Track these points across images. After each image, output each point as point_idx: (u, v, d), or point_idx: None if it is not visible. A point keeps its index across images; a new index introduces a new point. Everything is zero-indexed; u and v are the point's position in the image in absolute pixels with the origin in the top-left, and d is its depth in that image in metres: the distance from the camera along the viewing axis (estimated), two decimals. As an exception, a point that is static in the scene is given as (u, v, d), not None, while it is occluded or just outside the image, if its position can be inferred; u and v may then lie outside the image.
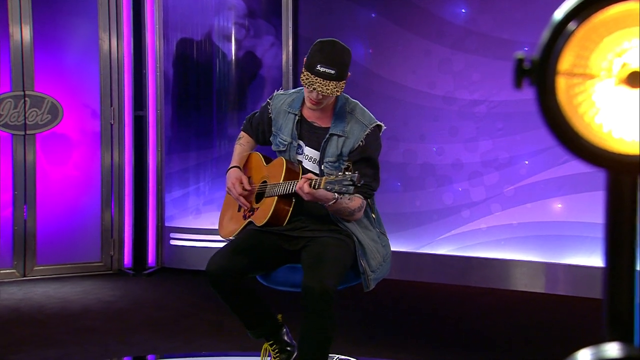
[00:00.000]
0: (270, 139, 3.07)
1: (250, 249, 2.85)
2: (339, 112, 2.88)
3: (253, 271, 2.87)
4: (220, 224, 3.23)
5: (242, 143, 3.18)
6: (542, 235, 4.70)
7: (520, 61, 0.91)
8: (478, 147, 4.85)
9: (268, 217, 2.86)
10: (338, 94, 2.72)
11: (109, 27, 5.22)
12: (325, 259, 2.71)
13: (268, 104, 3.07)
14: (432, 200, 4.98)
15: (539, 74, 0.90)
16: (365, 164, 2.82)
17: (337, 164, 2.85)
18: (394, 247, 3.10)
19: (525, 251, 4.74)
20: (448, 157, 4.94)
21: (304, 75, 2.71)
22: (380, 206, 3.06)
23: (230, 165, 3.12)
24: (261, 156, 3.14)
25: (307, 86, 2.71)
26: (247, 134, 3.19)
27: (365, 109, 2.94)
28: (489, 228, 4.84)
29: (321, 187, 2.58)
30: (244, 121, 3.24)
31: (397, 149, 5.05)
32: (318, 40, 2.80)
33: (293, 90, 3.08)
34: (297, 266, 2.87)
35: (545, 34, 0.92)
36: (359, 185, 2.54)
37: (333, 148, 2.86)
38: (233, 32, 5.24)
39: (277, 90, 3.12)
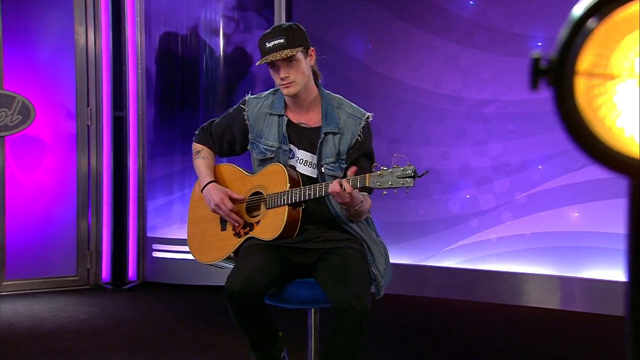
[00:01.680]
0: (249, 147, 3.04)
1: (268, 265, 2.78)
2: (326, 108, 2.91)
3: (272, 289, 2.84)
4: (195, 248, 3.12)
5: (205, 157, 3.09)
6: (557, 247, 4.71)
7: (536, 61, 0.92)
8: (487, 151, 4.87)
9: (281, 229, 2.79)
10: (291, 55, 2.77)
11: (85, 20, 5.22)
12: (352, 272, 2.72)
13: (242, 110, 3.04)
14: (438, 208, 5.00)
15: (557, 74, 0.92)
16: (365, 159, 2.87)
17: (337, 164, 2.87)
18: (395, 260, 3.12)
19: (539, 264, 4.75)
20: (455, 161, 4.95)
21: (259, 62, 2.81)
22: (381, 215, 3.08)
23: (205, 182, 3.04)
24: (237, 166, 3.08)
25: (262, 62, 2.79)
26: (207, 146, 3.12)
27: (350, 101, 2.99)
28: (499, 239, 4.86)
29: (367, 184, 2.61)
30: (197, 132, 3.18)
31: (399, 153, 5.05)
32: None
33: (267, 92, 3.06)
34: (307, 281, 2.84)
35: (563, 32, 0.93)
36: (419, 175, 2.58)
37: (330, 147, 2.87)
38: (221, 25, 5.25)
39: (248, 95, 3.08)
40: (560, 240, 4.70)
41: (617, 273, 4.49)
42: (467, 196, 4.93)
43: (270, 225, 2.86)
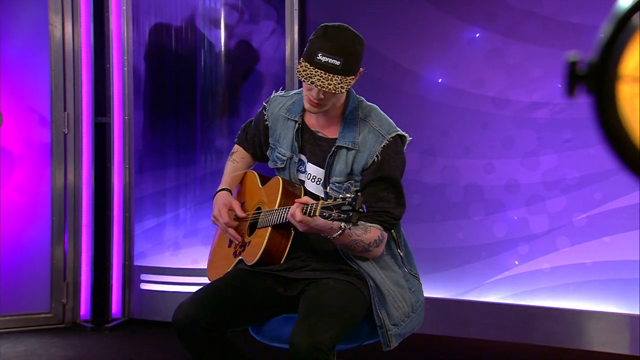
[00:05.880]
0: (267, 153, 3.12)
1: (232, 295, 2.88)
2: (349, 118, 2.93)
3: (234, 324, 2.91)
4: (209, 263, 3.27)
5: (235, 159, 3.23)
6: (624, 279, 4.70)
7: (573, 64, 0.97)
8: (539, 164, 4.87)
9: (259, 253, 2.89)
10: (342, 91, 2.76)
11: (62, 9, 5.24)
12: (322, 306, 2.76)
13: (264, 108, 3.13)
14: (480, 232, 5.00)
15: (597, 79, 0.95)
16: (383, 185, 2.87)
17: (345, 185, 2.89)
18: (429, 293, 3.13)
19: (603, 299, 4.74)
20: (500, 176, 4.96)
21: (301, 67, 2.77)
22: (410, 239, 3.10)
23: (219, 188, 3.18)
24: (257, 176, 3.19)
25: (304, 79, 2.75)
26: (242, 147, 3.25)
27: (385, 115, 2.99)
28: (553, 269, 4.86)
29: (317, 213, 2.61)
30: (239, 131, 3.30)
31: (434, 166, 5.08)
32: (322, 24, 2.86)
33: (295, 91, 3.14)
34: (294, 316, 2.91)
35: (604, 30, 0.97)
36: (360, 210, 2.55)
37: (341, 164, 2.90)
38: (222, 15, 5.30)
39: (276, 92, 3.18)
40: (628, 271, 4.69)
41: (696, 310, 4.48)
42: (515, 218, 4.94)
43: (254, 247, 2.96)
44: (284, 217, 2.80)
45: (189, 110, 5.36)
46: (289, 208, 2.76)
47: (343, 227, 2.71)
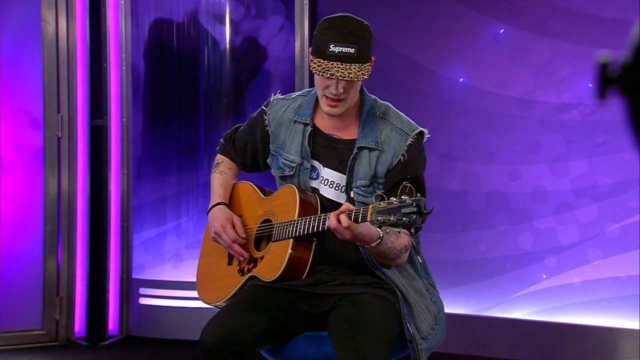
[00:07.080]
0: (268, 161, 3.12)
1: (259, 313, 2.87)
2: (367, 117, 2.95)
3: (262, 344, 2.90)
4: (200, 284, 3.24)
5: (223, 170, 3.23)
6: (661, 294, 4.70)
7: (604, 66, 0.97)
8: (568, 170, 4.87)
9: (282, 268, 2.87)
10: (364, 78, 2.79)
11: (55, 3, 5.25)
12: (368, 324, 2.77)
13: (264, 112, 3.12)
14: (504, 243, 5.00)
15: (630, 81, 0.96)
16: (409, 185, 2.87)
17: (370, 189, 2.90)
18: (449, 309, 3.14)
19: (638, 316, 4.73)
20: (526, 183, 4.96)
21: (315, 64, 2.79)
22: (429, 251, 3.10)
23: (213, 202, 3.17)
24: (255, 187, 3.19)
25: (321, 74, 2.77)
26: (228, 157, 3.25)
27: (400, 112, 3.02)
28: (585, 283, 4.85)
29: (368, 219, 2.61)
30: (221, 140, 3.30)
31: (454, 172, 5.08)
32: (324, 18, 2.89)
33: (297, 93, 3.15)
34: (319, 334, 2.91)
35: (637, 29, 0.98)
36: (426, 212, 2.55)
37: (364, 167, 2.91)
38: (227, 10, 5.31)
39: (275, 95, 3.18)
40: (665, 286, 4.69)
41: None
42: (542, 228, 4.93)
43: (271, 262, 2.94)
44: (313, 226, 2.80)
45: (191, 111, 5.36)
46: (320, 217, 2.77)
47: (381, 235, 2.72)
